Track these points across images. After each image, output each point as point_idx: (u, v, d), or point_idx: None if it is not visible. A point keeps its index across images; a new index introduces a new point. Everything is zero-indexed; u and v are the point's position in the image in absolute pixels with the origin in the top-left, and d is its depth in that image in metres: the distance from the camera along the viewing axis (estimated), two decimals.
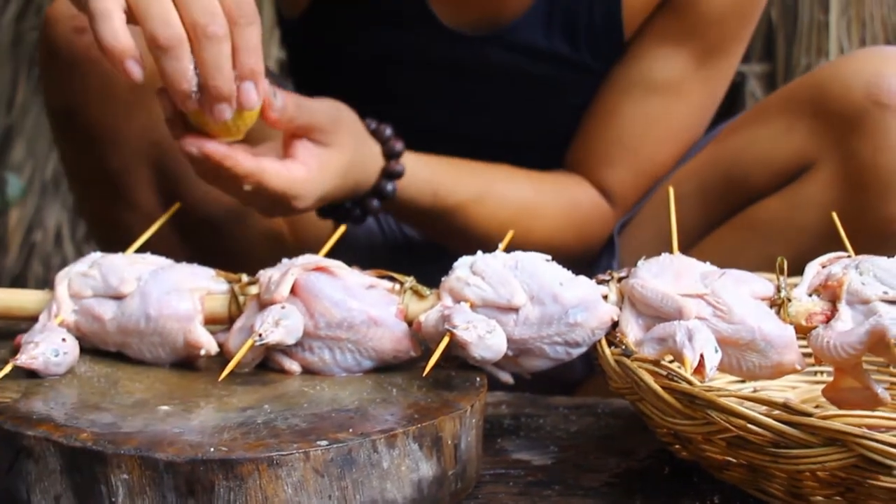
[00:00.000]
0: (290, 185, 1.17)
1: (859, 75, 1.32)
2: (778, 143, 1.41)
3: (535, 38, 1.44)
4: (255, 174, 1.14)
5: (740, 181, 1.45)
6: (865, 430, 0.85)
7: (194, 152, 1.11)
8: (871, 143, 1.31)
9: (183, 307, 1.02)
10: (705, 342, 0.96)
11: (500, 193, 1.44)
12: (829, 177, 1.36)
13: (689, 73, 1.48)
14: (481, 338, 0.97)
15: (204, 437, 0.86)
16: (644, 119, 1.49)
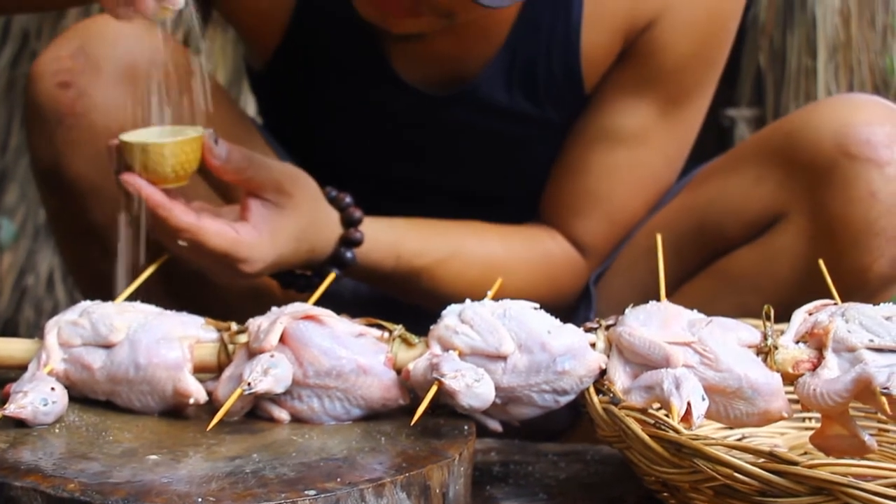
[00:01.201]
0: (234, 246, 1.17)
1: (828, 125, 1.32)
2: (749, 193, 1.41)
3: (496, 95, 1.44)
4: (191, 230, 1.15)
5: (713, 231, 1.45)
6: (851, 479, 0.85)
7: (131, 190, 1.14)
8: (840, 195, 1.31)
9: (172, 356, 1.03)
10: (692, 390, 0.97)
11: (469, 252, 1.43)
12: (800, 228, 1.35)
13: (652, 122, 1.46)
14: (469, 386, 0.97)
15: (192, 487, 0.86)
16: (611, 170, 1.48)
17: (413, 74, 1.44)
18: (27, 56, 2.43)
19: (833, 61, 2.64)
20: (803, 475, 0.86)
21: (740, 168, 1.44)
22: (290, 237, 1.23)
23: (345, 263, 1.31)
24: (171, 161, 1.15)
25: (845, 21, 2.64)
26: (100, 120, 1.31)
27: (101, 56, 1.31)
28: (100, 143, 1.30)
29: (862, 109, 1.33)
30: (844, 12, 2.63)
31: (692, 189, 1.51)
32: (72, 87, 1.31)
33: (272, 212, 1.21)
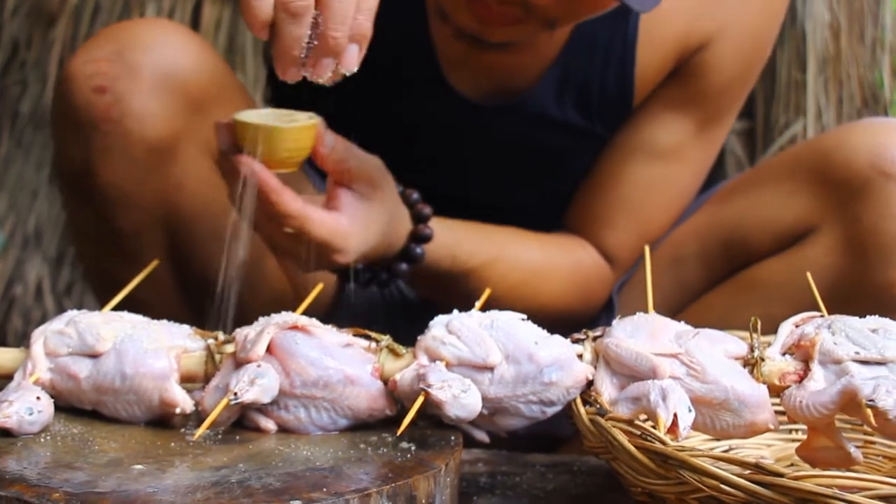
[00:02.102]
0: (333, 236, 1.16)
1: (864, 144, 1.35)
2: (780, 207, 1.43)
3: (547, 108, 1.46)
4: (300, 217, 1.14)
5: (741, 243, 1.47)
6: (836, 491, 0.85)
7: (245, 172, 1.11)
8: (873, 210, 1.34)
9: (159, 365, 1.02)
10: (679, 402, 0.97)
11: (512, 257, 1.45)
12: (831, 241, 1.38)
13: (689, 138, 1.50)
14: (456, 397, 0.97)
15: (177, 497, 0.86)
16: (646, 183, 1.51)
17: (466, 85, 1.45)
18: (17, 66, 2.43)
19: (823, 75, 2.65)
20: (789, 487, 0.86)
21: (772, 182, 1.47)
22: (378, 230, 1.23)
23: (414, 259, 1.31)
24: (290, 146, 1.13)
25: (835, 35, 2.65)
26: (135, 127, 1.29)
27: (138, 62, 1.29)
28: (134, 152, 1.30)
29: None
30: (834, 26, 2.65)
31: (718, 202, 1.54)
32: (108, 93, 1.28)
33: (363, 203, 1.20)
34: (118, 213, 1.34)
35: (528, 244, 1.48)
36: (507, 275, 1.43)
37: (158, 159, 1.31)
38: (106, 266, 1.43)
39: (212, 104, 1.32)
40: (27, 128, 2.43)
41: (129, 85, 1.28)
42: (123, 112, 1.28)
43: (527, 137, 1.48)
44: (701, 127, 1.50)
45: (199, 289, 1.39)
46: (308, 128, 1.14)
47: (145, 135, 1.28)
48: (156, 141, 1.30)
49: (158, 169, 1.32)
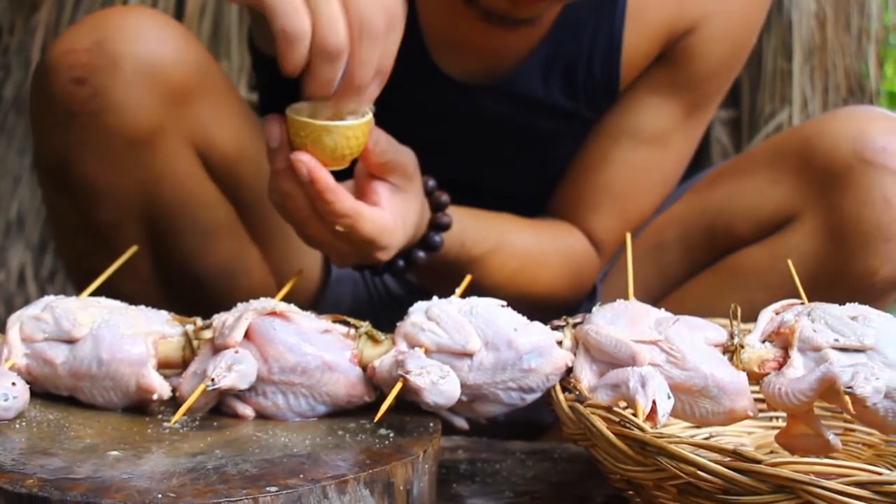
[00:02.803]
0: (380, 233, 1.15)
1: (846, 132, 1.35)
2: (763, 194, 1.43)
3: (533, 88, 1.45)
4: (352, 216, 1.12)
5: (724, 230, 1.48)
6: (813, 478, 0.85)
7: (304, 172, 1.09)
8: (854, 198, 1.34)
9: (136, 351, 1.02)
10: (658, 388, 0.97)
11: (511, 244, 1.45)
12: (812, 228, 1.38)
13: (675, 124, 1.51)
14: (434, 383, 0.97)
15: (152, 483, 0.86)
16: (632, 167, 1.51)
17: (452, 66, 1.44)
18: None
19: (808, 64, 2.65)
20: (766, 473, 0.86)
21: (754, 170, 1.47)
22: (413, 223, 1.22)
23: (434, 247, 1.30)
24: (349, 143, 1.11)
25: (821, 24, 2.65)
26: (114, 120, 1.26)
27: (119, 53, 1.25)
28: (113, 144, 1.27)
29: (879, 120, 1.37)
30: (820, 16, 2.64)
31: (702, 189, 1.55)
32: (87, 84, 1.25)
33: (399, 196, 1.18)
34: (97, 205, 1.32)
35: (524, 231, 1.48)
36: (507, 263, 1.43)
37: (138, 152, 1.29)
38: (85, 258, 1.42)
39: (194, 95, 1.31)
40: (10, 113, 2.41)
41: (109, 77, 1.25)
42: (103, 104, 1.26)
43: (512, 119, 1.48)
44: (686, 113, 1.50)
45: (179, 281, 1.39)
46: (365, 124, 1.12)
47: (125, 127, 1.26)
48: (136, 133, 1.27)
49: (138, 161, 1.30)
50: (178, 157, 1.33)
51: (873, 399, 0.95)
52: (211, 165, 1.36)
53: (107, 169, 1.29)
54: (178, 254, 1.37)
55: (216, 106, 1.34)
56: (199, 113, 1.32)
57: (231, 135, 1.35)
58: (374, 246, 1.16)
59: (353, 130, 1.10)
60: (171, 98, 1.28)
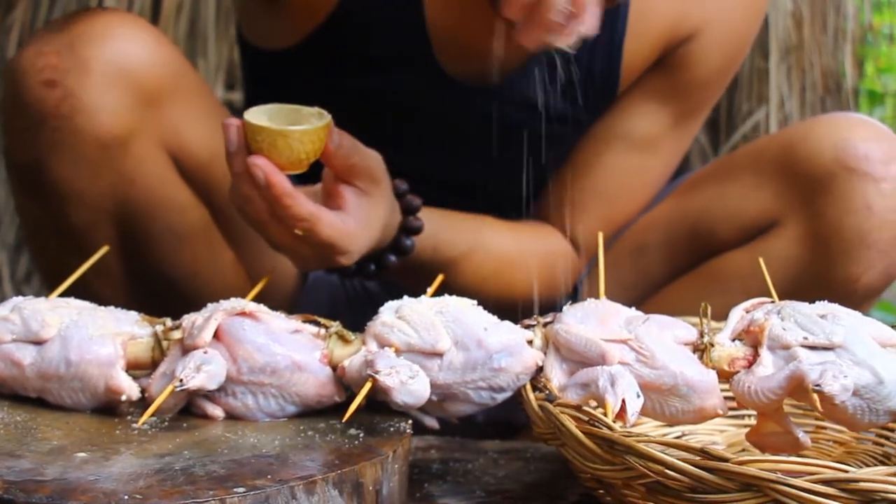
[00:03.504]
0: (340, 237, 1.14)
1: (828, 139, 1.36)
2: (745, 200, 1.44)
3: (532, 91, 1.45)
4: (311, 220, 1.12)
5: (706, 235, 1.48)
6: (780, 476, 0.86)
7: (260, 176, 1.09)
8: (837, 205, 1.34)
9: (104, 352, 1.01)
10: (627, 387, 0.97)
11: (487, 246, 1.44)
12: (794, 234, 1.38)
13: (666, 130, 1.51)
14: (403, 383, 0.97)
15: (119, 485, 0.85)
16: (621, 172, 1.52)
17: (453, 65, 1.43)
18: None
19: (785, 63, 2.66)
20: (733, 471, 0.87)
21: (737, 175, 1.47)
22: (379, 227, 1.21)
23: (404, 251, 1.30)
24: (305, 148, 1.11)
25: (797, 24, 2.66)
26: (86, 123, 1.25)
27: (90, 55, 1.24)
28: (85, 147, 1.26)
29: (861, 127, 1.37)
30: (797, 15, 2.65)
31: (684, 193, 1.55)
32: (58, 87, 1.24)
33: (364, 200, 1.18)
34: (69, 208, 1.31)
35: (502, 233, 1.48)
36: (482, 265, 1.43)
37: (110, 155, 1.28)
38: (57, 260, 1.40)
39: (166, 98, 1.30)
40: None
41: (80, 79, 1.24)
42: (74, 107, 1.24)
43: (509, 121, 1.47)
44: (678, 120, 1.51)
45: (152, 284, 1.38)
46: (321, 129, 1.12)
47: (97, 130, 1.25)
48: (108, 136, 1.26)
49: (110, 164, 1.29)
50: (151, 160, 1.32)
51: (841, 397, 0.96)
52: (184, 168, 1.35)
53: (78, 172, 1.28)
54: (151, 256, 1.36)
55: (189, 108, 1.33)
56: (171, 115, 1.31)
57: (204, 137, 1.34)
58: (334, 250, 1.15)
59: (309, 135, 1.11)
60: (143, 100, 1.28)
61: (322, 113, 1.14)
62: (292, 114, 1.14)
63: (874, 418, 1.01)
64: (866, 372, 0.99)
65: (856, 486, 0.85)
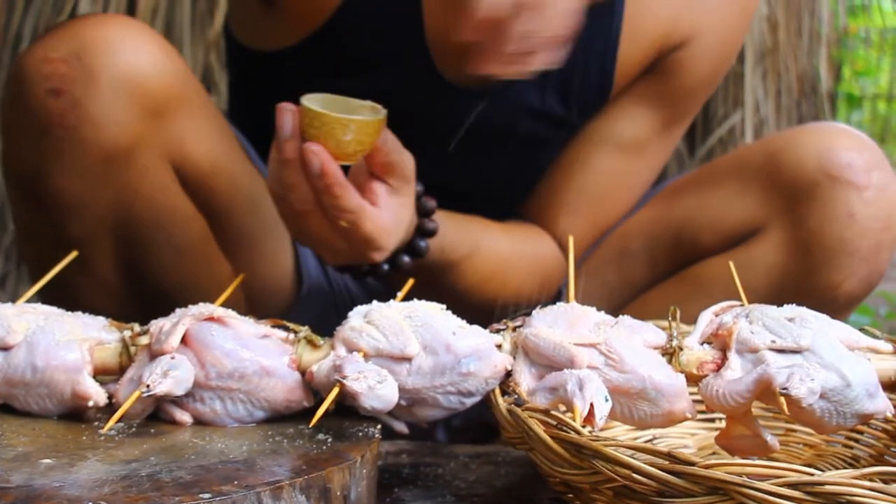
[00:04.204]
0: (379, 233, 1.15)
1: (812, 147, 1.38)
2: (729, 206, 1.45)
3: (527, 92, 1.45)
4: (357, 212, 1.12)
5: (690, 240, 1.49)
6: (746, 479, 0.86)
7: (315, 164, 1.08)
8: (819, 212, 1.36)
9: (71, 358, 1.01)
10: (596, 391, 0.97)
11: (485, 248, 1.45)
12: (777, 241, 1.39)
13: (654, 135, 1.52)
14: (371, 388, 0.96)
15: (84, 492, 0.85)
16: (608, 174, 1.53)
17: (450, 68, 1.43)
18: None
19: (760, 67, 2.67)
20: (699, 475, 0.87)
21: (721, 182, 1.49)
22: (405, 226, 1.21)
23: (419, 253, 1.29)
24: (361, 139, 1.10)
25: (773, 28, 2.67)
26: (91, 134, 1.23)
27: (98, 65, 1.22)
28: (89, 158, 1.24)
29: (844, 136, 1.39)
30: (772, 19, 2.67)
31: (667, 198, 1.56)
32: (64, 96, 1.22)
33: (395, 199, 1.18)
34: (69, 219, 1.29)
35: (498, 235, 1.49)
36: (481, 267, 1.43)
37: (114, 166, 1.26)
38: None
39: (172, 109, 1.28)
40: None
41: (87, 89, 1.22)
42: (80, 117, 1.23)
43: (503, 124, 1.48)
44: (665, 125, 1.52)
45: (149, 295, 1.36)
46: (380, 122, 1.11)
47: (102, 141, 1.23)
48: (113, 148, 1.25)
49: (114, 175, 1.27)
50: (154, 172, 1.30)
51: (808, 400, 0.96)
52: (186, 179, 1.34)
53: (80, 183, 1.26)
54: (150, 268, 1.35)
55: (193, 119, 1.32)
56: (175, 127, 1.30)
57: (206, 148, 1.34)
58: (371, 245, 1.15)
59: (368, 127, 1.10)
60: (149, 112, 1.26)
61: (375, 106, 1.14)
62: (343, 104, 1.13)
63: (842, 421, 1.01)
64: (833, 375, 0.99)
65: (821, 489, 0.85)
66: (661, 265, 1.52)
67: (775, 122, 2.67)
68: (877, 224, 1.35)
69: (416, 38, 1.39)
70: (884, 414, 1.02)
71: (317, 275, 1.49)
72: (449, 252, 1.37)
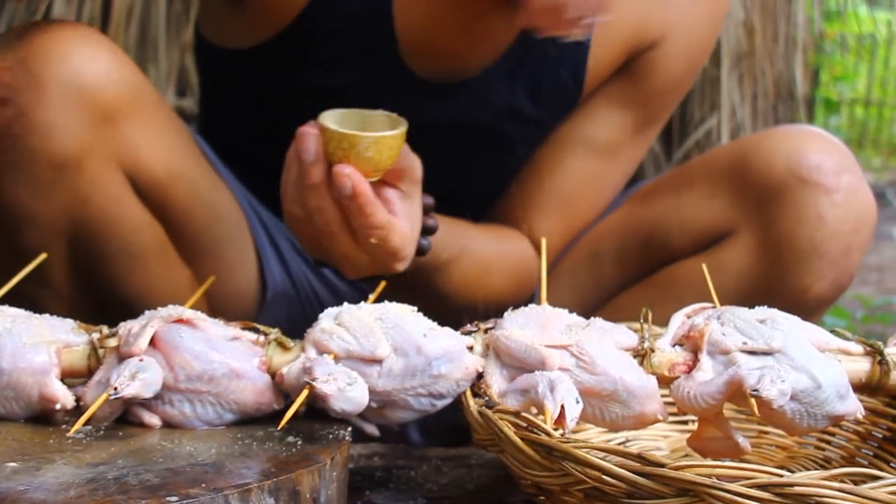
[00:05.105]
0: (404, 244, 1.14)
1: (782, 150, 1.37)
2: (699, 209, 1.45)
3: (497, 91, 1.45)
4: (387, 227, 1.11)
5: (661, 243, 1.49)
6: (715, 481, 0.86)
7: (347, 186, 1.07)
8: (789, 215, 1.36)
9: (38, 360, 1.00)
10: (567, 393, 0.97)
11: (471, 251, 1.44)
12: (747, 244, 1.39)
13: (626, 137, 1.52)
14: (341, 390, 0.96)
15: (49, 495, 0.84)
16: (582, 175, 1.52)
17: (418, 63, 1.42)
18: None
19: (737, 71, 2.68)
20: (669, 477, 0.87)
21: (692, 184, 1.48)
22: (418, 229, 1.20)
23: (421, 252, 1.27)
24: (391, 154, 1.09)
25: (749, 32, 2.68)
26: (39, 144, 1.20)
27: (45, 73, 1.19)
28: (38, 168, 1.21)
29: (813, 139, 1.39)
30: (748, 23, 2.68)
31: (639, 201, 1.56)
32: (10, 105, 1.19)
33: (406, 203, 1.17)
34: (20, 229, 1.26)
35: (481, 237, 1.48)
36: (467, 269, 1.43)
37: (64, 175, 1.24)
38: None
39: (123, 116, 1.26)
40: None
41: (34, 98, 1.19)
42: (27, 127, 1.19)
43: (472, 120, 1.47)
44: (638, 127, 1.52)
45: (107, 303, 1.35)
46: (404, 134, 1.10)
47: (50, 151, 1.20)
48: (62, 157, 1.22)
49: (64, 185, 1.24)
50: (105, 180, 1.28)
51: (779, 401, 0.97)
52: (139, 186, 1.32)
53: (30, 192, 1.24)
54: (105, 276, 1.33)
55: (146, 126, 1.29)
56: (127, 134, 1.27)
57: (161, 155, 1.32)
58: (396, 257, 1.15)
59: (397, 140, 1.09)
60: (99, 119, 1.24)
61: (389, 115, 1.13)
62: (359, 117, 1.12)
63: (813, 422, 1.01)
64: (804, 376, 0.99)
65: (791, 490, 0.85)
66: (632, 268, 1.52)
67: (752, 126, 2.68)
68: (846, 226, 1.35)
69: (385, 34, 1.39)
70: (854, 415, 1.02)
71: (282, 280, 1.48)
72: (439, 253, 1.37)
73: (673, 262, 1.47)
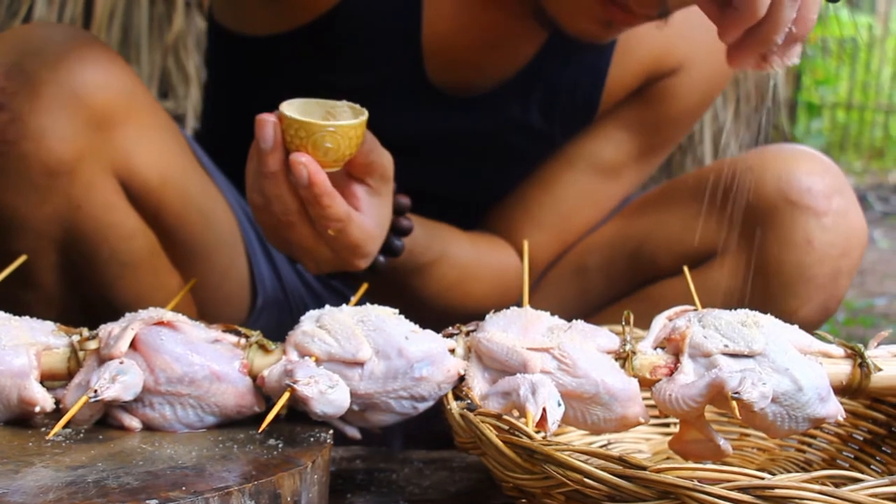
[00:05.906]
0: (366, 239, 1.13)
1: (771, 171, 1.36)
2: (687, 228, 1.44)
3: (511, 106, 1.45)
4: (345, 220, 1.10)
5: (647, 260, 1.48)
6: (696, 483, 0.86)
7: (303, 175, 1.06)
8: (778, 239, 1.34)
9: (17, 363, 0.99)
10: (548, 396, 0.97)
11: (451, 255, 1.44)
12: (734, 266, 1.38)
13: (632, 160, 1.52)
14: (323, 393, 0.96)
15: (28, 498, 0.83)
16: (582, 192, 1.52)
17: (441, 77, 1.42)
18: None
19: None
20: (650, 479, 0.87)
21: (680, 202, 1.48)
22: (386, 227, 1.19)
23: (394, 252, 1.27)
24: (350, 144, 1.08)
25: None
26: (32, 150, 1.18)
27: (40, 76, 1.17)
28: (31, 174, 1.20)
29: (804, 160, 1.37)
30: None
31: (626, 217, 1.55)
32: (4, 110, 1.17)
33: (375, 200, 1.16)
34: (12, 234, 1.24)
35: (465, 243, 1.48)
36: (446, 274, 1.42)
37: (57, 181, 1.22)
38: None
39: (117, 122, 1.24)
40: None
41: (29, 103, 1.17)
42: (21, 132, 1.17)
43: (485, 134, 1.47)
44: (644, 152, 1.52)
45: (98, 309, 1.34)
46: (363, 123, 1.09)
47: (44, 157, 1.19)
48: (55, 163, 1.20)
49: (57, 190, 1.22)
50: (99, 186, 1.26)
51: (760, 404, 0.97)
52: (133, 192, 1.30)
53: (22, 198, 1.22)
54: (95, 283, 1.32)
55: (140, 132, 1.28)
56: (121, 140, 1.26)
57: (154, 160, 1.30)
58: (357, 252, 1.14)
59: (352, 131, 1.08)
60: (93, 125, 1.22)
61: (353, 106, 1.11)
62: (321, 107, 1.11)
63: (794, 425, 1.01)
64: (785, 379, 1.00)
65: (771, 492, 0.85)
66: (619, 282, 1.51)
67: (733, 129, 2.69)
68: (835, 251, 1.33)
69: (411, 41, 1.39)
70: (835, 418, 1.02)
71: (273, 287, 1.47)
72: (417, 255, 1.36)
73: (659, 280, 1.46)
